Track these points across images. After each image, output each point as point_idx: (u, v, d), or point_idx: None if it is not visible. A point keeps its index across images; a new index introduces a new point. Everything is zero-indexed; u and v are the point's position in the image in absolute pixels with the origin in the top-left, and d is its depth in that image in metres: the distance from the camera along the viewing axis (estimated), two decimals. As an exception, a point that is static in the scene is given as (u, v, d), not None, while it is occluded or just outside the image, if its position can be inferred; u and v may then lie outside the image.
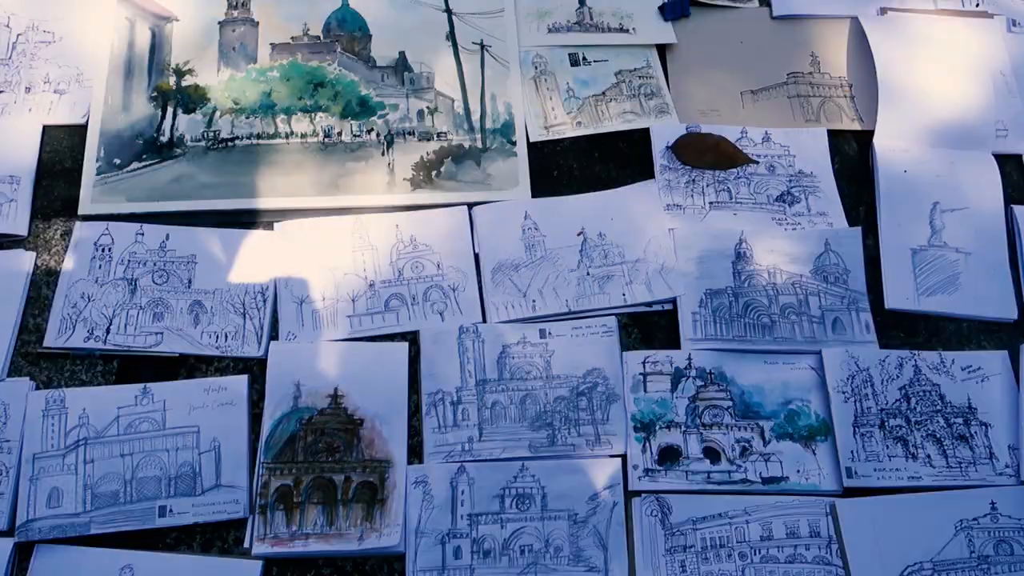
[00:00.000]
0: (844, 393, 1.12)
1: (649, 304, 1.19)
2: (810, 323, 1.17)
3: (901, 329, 1.19)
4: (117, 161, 1.24)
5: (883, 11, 1.41)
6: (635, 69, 1.35)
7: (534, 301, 1.18)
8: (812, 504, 1.07)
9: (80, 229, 1.20)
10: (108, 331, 1.13)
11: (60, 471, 1.05)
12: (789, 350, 1.16)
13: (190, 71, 1.31)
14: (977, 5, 1.42)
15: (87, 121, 1.27)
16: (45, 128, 1.27)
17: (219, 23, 1.34)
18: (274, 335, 1.16)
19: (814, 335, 1.17)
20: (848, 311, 1.18)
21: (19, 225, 1.20)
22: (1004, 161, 1.30)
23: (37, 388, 1.11)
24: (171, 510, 1.04)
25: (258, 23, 1.35)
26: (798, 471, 1.09)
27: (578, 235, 1.22)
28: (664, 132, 1.30)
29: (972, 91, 1.33)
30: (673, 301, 1.19)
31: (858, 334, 1.17)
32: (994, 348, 1.18)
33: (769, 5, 1.42)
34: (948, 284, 1.20)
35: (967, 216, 1.25)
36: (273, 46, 1.34)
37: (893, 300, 1.19)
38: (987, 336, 1.20)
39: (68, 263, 1.17)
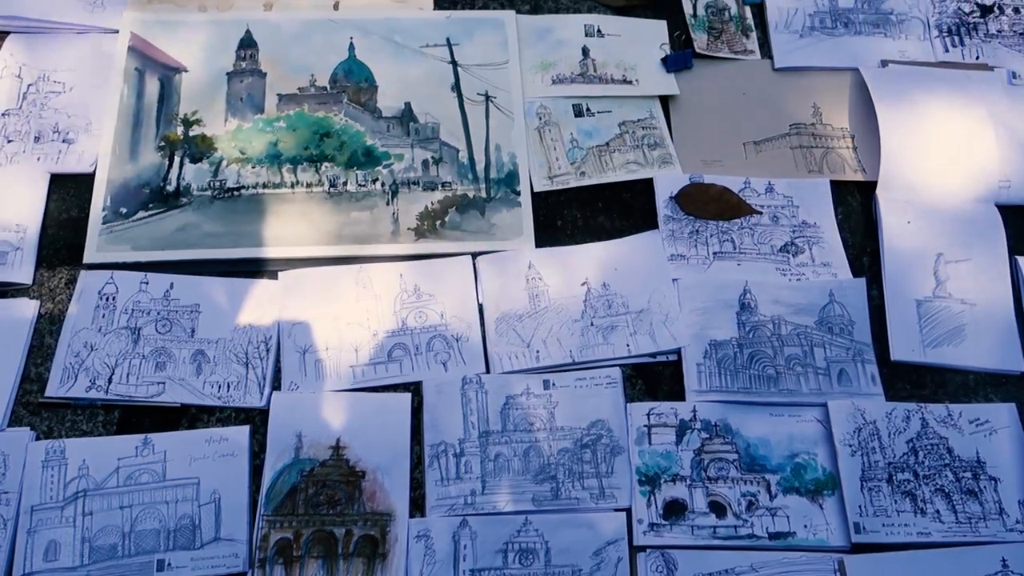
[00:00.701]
0: (851, 446, 1.11)
1: (653, 355, 1.18)
2: (816, 375, 1.17)
3: (907, 381, 1.18)
4: (123, 210, 1.24)
5: (884, 63, 1.42)
6: (638, 120, 1.36)
7: (538, 351, 1.18)
8: (820, 560, 1.05)
9: (85, 278, 1.20)
10: (110, 381, 1.13)
11: (58, 523, 1.04)
12: (795, 402, 1.15)
13: (198, 121, 1.32)
14: (977, 58, 1.43)
15: (95, 170, 1.27)
16: (53, 177, 1.28)
17: (227, 74, 1.36)
18: (276, 385, 1.15)
19: (820, 387, 1.16)
20: (854, 363, 1.18)
21: (24, 274, 1.20)
22: (1008, 212, 1.30)
23: (38, 438, 1.10)
24: (170, 564, 1.03)
25: (266, 74, 1.36)
26: (805, 526, 1.08)
27: (582, 285, 1.22)
28: (667, 182, 1.30)
29: (975, 143, 1.34)
30: (677, 352, 1.18)
31: (864, 386, 1.16)
32: (1001, 400, 1.17)
33: (771, 57, 1.43)
34: (954, 336, 1.20)
35: (972, 267, 1.24)
36: (280, 97, 1.35)
37: (899, 352, 1.18)
38: (994, 388, 1.19)
39: (72, 312, 1.17)
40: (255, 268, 1.23)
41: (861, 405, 1.14)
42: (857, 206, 1.32)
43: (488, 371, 1.17)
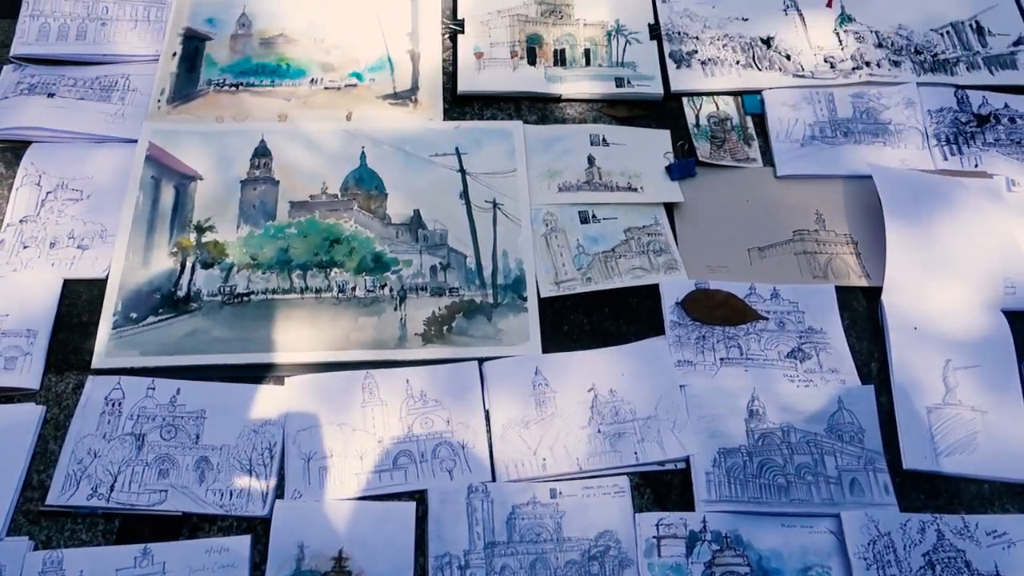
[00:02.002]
0: (866, 559, 1.08)
1: (662, 463, 1.17)
2: (827, 484, 1.15)
3: (921, 491, 1.16)
4: (133, 315, 1.26)
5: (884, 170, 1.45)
6: (644, 226, 1.38)
7: (544, 459, 1.16)
8: None
9: (92, 383, 1.20)
10: (112, 488, 1.12)
11: (53, 638, 1.02)
12: (807, 512, 1.13)
13: (211, 227, 1.35)
14: (976, 166, 1.46)
15: (107, 276, 1.29)
16: (66, 282, 1.30)
17: (241, 182, 1.39)
18: (280, 493, 1.14)
19: (831, 497, 1.14)
20: (865, 471, 1.16)
21: (32, 379, 1.21)
22: (1014, 318, 1.30)
23: (35, 548, 1.08)
24: None
25: (278, 182, 1.40)
26: (822, 645, 1.04)
27: (588, 391, 1.22)
28: (673, 288, 1.31)
29: (978, 248, 1.35)
30: (686, 460, 1.17)
31: (877, 496, 1.14)
32: (1019, 511, 1.15)
33: (773, 165, 1.46)
34: (966, 444, 1.18)
35: (981, 374, 1.24)
36: (292, 204, 1.38)
37: (911, 460, 1.17)
38: (1010, 499, 1.16)
39: (77, 418, 1.17)
40: (262, 374, 1.23)
41: (875, 516, 1.11)
42: (863, 312, 1.32)
43: (494, 479, 1.15)
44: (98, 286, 1.29)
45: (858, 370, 1.25)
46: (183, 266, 1.31)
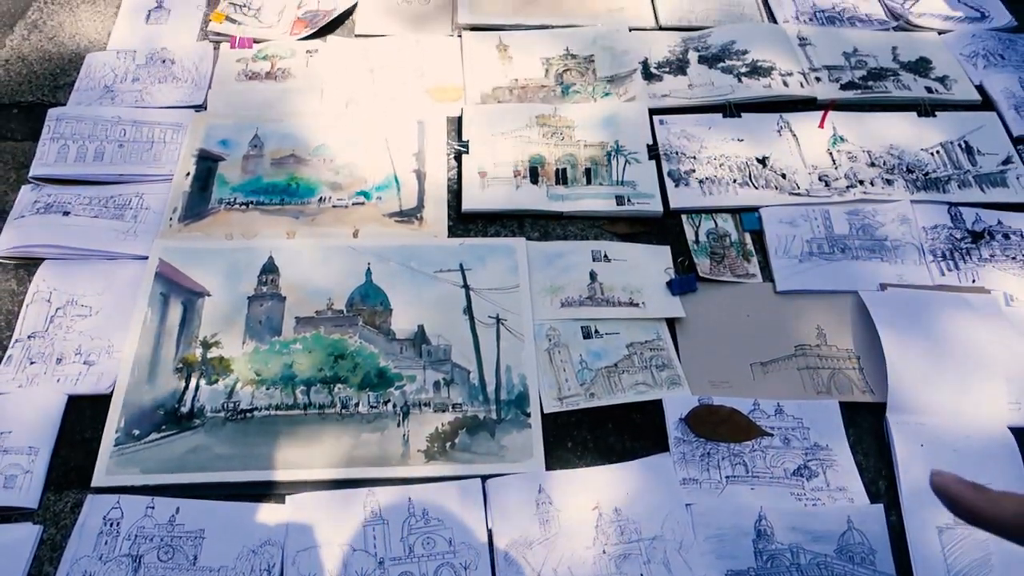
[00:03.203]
0: None
1: (669, 586, 1.14)
2: (840, 608, 1.12)
3: (937, 616, 1.13)
4: (136, 432, 1.25)
5: (883, 287, 1.46)
6: (646, 341, 1.39)
7: (549, 582, 1.14)
8: None
9: (91, 503, 1.19)
10: (105, 613, 1.09)
11: None
12: (820, 639, 1.09)
13: (216, 343, 1.36)
14: (973, 281, 1.48)
15: (112, 392, 1.30)
16: (70, 398, 1.30)
17: (248, 298, 1.41)
18: (277, 618, 1.11)
19: (845, 622, 1.11)
20: (879, 595, 1.13)
21: (31, 497, 1.19)
22: (1021, 434, 1.29)
23: None
24: None
25: (285, 298, 1.42)
26: None
27: (593, 510, 1.20)
28: (677, 404, 1.31)
29: (980, 365, 1.35)
30: (694, 583, 1.14)
31: (892, 621, 1.11)
32: (1039, 638, 1.11)
33: (772, 281, 1.48)
34: (981, 566, 1.15)
35: (991, 492, 1.22)
36: (298, 320, 1.40)
37: (925, 584, 1.14)
38: (1030, 624, 1.13)
39: (74, 539, 1.15)
40: (264, 491, 1.22)
41: (891, 643, 1.08)
42: (868, 428, 1.31)
43: (497, 603, 1.12)
44: (102, 402, 1.29)
45: (866, 488, 1.24)
46: (187, 382, 1.32)
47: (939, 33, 1.94)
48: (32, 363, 1.33)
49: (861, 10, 2.00)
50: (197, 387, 1.31)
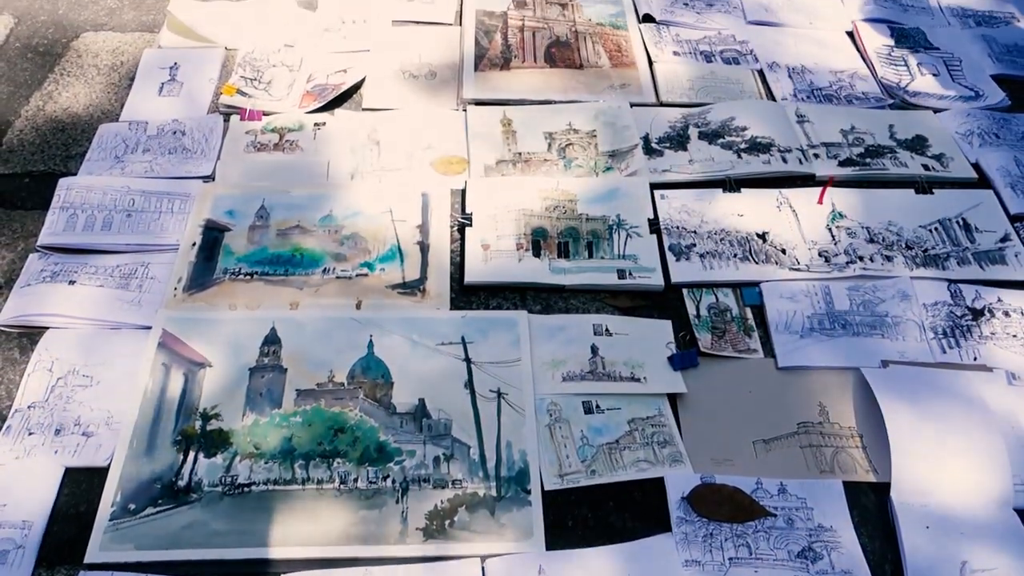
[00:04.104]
0: None
1: (671, 673, 1.11)
2: None
3: None
4: (132, 506, 1.24)
5: (885, 363, 1.46)
6: (647, 417, 1.39)
7: (548, 668, 1.11)
8: None
9: (82, 581, 1.17)
10: None
11: None
12: None
13: (216, 415, 1.36)
14: (975, 359, 1.48)
15: (109, 464, 1.29)
16: (67, 470, 1.29)
17: (250, 369, 1.41)
18: None
19: None
20: None
21: (22, 574, 1.17)
22: (1028, 517, 1.28)
23: None
24: None
25: (286, 370, 1.42)
26: None
27: (594, 592, 1.18)
28: (679, 482, 1.30)
29: (984, 445, 1.34)
30: (697, 670, 1.11)
31: None
32: None
33: (774, 356, 1.48)
34: (990, 655, 1.13)
35: (999, 577, 1.20)
36: (299, 392, 1.39)
37: (934, 673, 1.11)
38: None
39: (64, 617, 1.14)
40: (259, 570, 1.20)
41: None
42: (873, 508, 1.30)
43: None
44: (99, 475, 1.28)
45: (872, 572, 1.22)
46: (186, 455, 1.31)
47: (935, 111, 1.98)
48: (31, 434, 1.33)
49: (858, 88, 2.04)
50: (195, 460, 1.30)
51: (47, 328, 1.47)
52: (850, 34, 2.22)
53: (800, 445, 1.37)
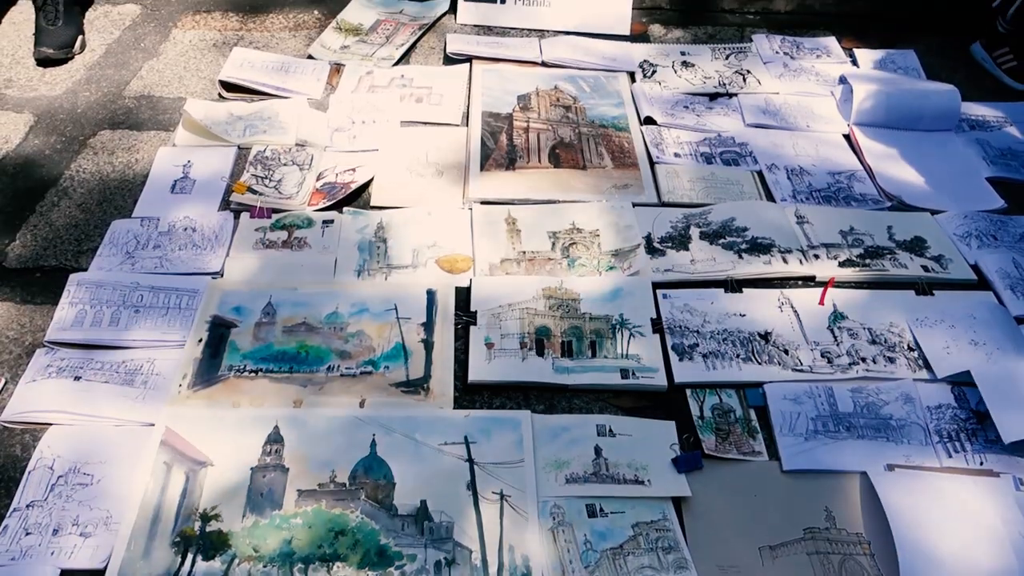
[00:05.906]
0: None
1: None
2: None
3: None
4: (127, 612, 1.22)
5: (890, 467, 1.45)
6: (652, 521, 1.37)
7: None
8: None
9: None
10: None
11: None
12: None
13: (216, 516, 1.34)
14: (981, 464, 1.46)
15: (106, 567, 1.27)
16: (63, 572, 1.27)
17: (252, 469, 1.41)
18: None
19: None
20: None
21: None
22: (1042, 630, 1.25)
23: None
24: None
25: (288, 469, 1.41)
26: None
27: None
28: (684, 590, 1.28)
29: (993, 551, 1.32)
30: None
31: None
32: None
33: (778, 459, 1.47)
34: None
35: None
36: (300, 492, 1.38)
37: None
38: None
39: None
40: None
41: None
42: (883, 619, 1.27)
43: None
44: (95, 577, 1.27)
45: None
46: (184, 557, 1.29)
47: (932, 213, 2.01)
48: (28, 534, 1.31)
49: (856, 190, 2.09)
50: (193, 563, 1.28)
51: (50, 424, 1.47)
52: (847, 137, 2.27)
53: (807, 552, 1.34)
